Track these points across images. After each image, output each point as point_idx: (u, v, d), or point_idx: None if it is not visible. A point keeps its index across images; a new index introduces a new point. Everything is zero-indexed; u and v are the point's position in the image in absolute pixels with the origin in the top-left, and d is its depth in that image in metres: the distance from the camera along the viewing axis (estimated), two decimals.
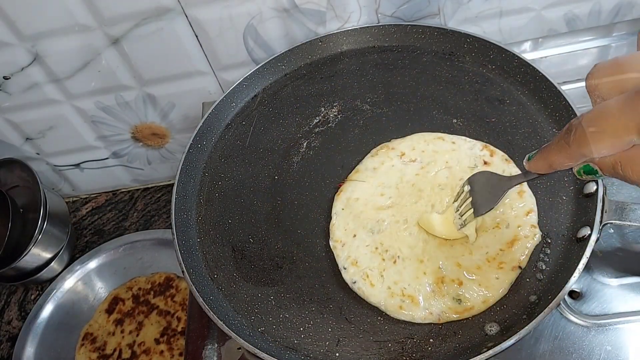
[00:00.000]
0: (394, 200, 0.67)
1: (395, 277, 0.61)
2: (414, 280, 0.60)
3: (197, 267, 0.67)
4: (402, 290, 0.60)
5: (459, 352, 0.56)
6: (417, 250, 0.62)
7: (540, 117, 0.71)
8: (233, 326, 0.60)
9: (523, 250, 0.60)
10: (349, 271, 0.63)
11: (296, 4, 0.83)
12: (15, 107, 0.95)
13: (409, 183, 0.68)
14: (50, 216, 0.98)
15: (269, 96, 0.84)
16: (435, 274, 0.60)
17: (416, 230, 0.64)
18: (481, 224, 0.62)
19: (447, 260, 0.61)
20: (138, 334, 0.97)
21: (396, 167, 0.70)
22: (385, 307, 0.60)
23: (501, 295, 0.58)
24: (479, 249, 0.61)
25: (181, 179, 0.75)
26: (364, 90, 0.81)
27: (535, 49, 0.90)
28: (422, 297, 0.59)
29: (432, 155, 0.70)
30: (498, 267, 0.59)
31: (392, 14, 0.86)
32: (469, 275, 0.59)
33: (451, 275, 0.60)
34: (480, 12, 0.85)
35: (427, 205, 0.65)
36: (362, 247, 0.64)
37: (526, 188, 0.64)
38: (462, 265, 0.60)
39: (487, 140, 0.71)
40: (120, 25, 0.83)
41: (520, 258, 0.59)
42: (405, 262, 0.62)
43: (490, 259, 0.60)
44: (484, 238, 0.61)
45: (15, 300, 1.06)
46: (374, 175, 0.70)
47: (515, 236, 0.60)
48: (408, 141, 0.72)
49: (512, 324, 0.55)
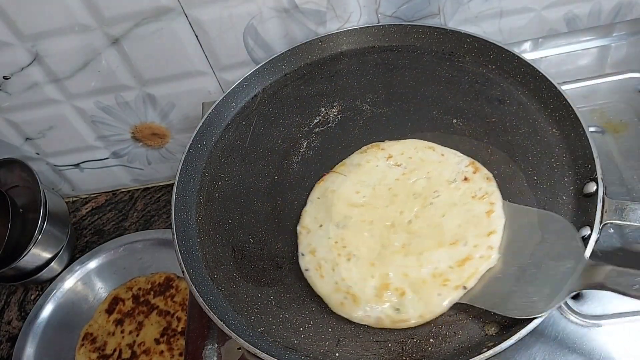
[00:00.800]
0: (367, 200, 0.67)
1: (345, 274, 0.61)
2: (361, 281, 0.60)
3: (197, 267, 0.67)
4: (347, 288, 0.60)
5: (459, 352, 0.55)
6: (372, 253, 0.62)
7: (540, 117, 0.71)
8: (233, 326, 0.60)
9: (472, 271, 0.58)
10: (305, 258, 0.64)
11: (296, 4, 0.83)
12: (15, 107, 0.95)
13: (386, 186, 0.68)
14: (50, 216, 0.98)
15: (269, 96, 0.84)
16: (382, 279, 0.60)
17: (378, 234, 0.64)
18: (440, 239, 0.62)
19: (397, 269, 0.60)
20: (138, 334, 0.97)
21: (380, 168, 0.70)
22: (328, 301, 0.61)
23: (440, 312, 0.57)
24: (430, 263, 0.60)
25: (181, 179, 0.75)
26: (364, 90, 0.81)
27: (535, 49, 0.90)
28: (364, 298, 0.59)
29: (417, 163, 0.69)
30: (442, 283, 0.58)
31: (392, 14, 0.86)
32: (413, 287, 0.59)
33: (396, 284, 0.59)
34: (480, 12, 0.85)
35: (396, 211, 0.65)
36: (325, 238, 0.65)
37: (497, 208, 0.62)
38: (409, 276, 0.60)
39: (487, 141, 0.71)
40: (120, 25, 0.83)
41: (465, 278, 0.58)
42: (358, 262, 0.62)
43: (437, 274, 0.59)
44: (439, 252, 0.60)
45: (15, 300, 1.06)
46: (357, 171, 0.70)
47: (469, 255, 0.59)
48: (400, 145, 0.72)
49: (512, 324, 0.55)
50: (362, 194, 0.68)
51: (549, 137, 0.69)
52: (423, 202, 0.65)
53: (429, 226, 0.63)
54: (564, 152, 0.67)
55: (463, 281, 0.58)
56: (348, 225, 0.65)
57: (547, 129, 0.70)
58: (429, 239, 0.62)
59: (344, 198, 0.68)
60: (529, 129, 0.71)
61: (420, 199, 0.66)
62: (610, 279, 0.50)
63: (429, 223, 0.63)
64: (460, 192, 0.64)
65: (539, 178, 0.66)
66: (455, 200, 0.64)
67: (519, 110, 0.73)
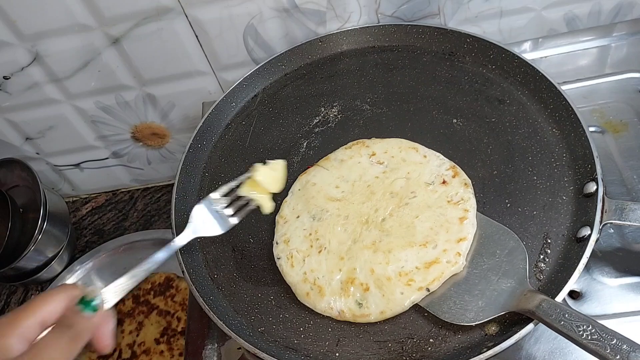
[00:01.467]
0: (344, 195, 0.68)
1: (314, 266, 0.63)
2: (328, 274, 0.62)
3: (197, 267, 0.67)
4: (315, 279, 0.62)
5: (459, 352, 0.56)
6: (342, 247, 0.64)
7: (540, 117, 0.71)
8: (233, 326, 0.60)
9: (437, 274, 0.59)
10: (278, 247, 0.67)
11: (296, 4, 0.83)
12: (15, 107, 0.95)
13: (365, 183, 0.69)
14: (50, 216, 0.98)
15: (269, 96, 0.84)
16: (349, 274, 0.61)
17: (351, 229, 0.65)
18: (410, 240, 0.62)
19: (365, 264, 0.62)
20: (138, 334, 0.97)
21: (362, 164, 0.71)
22: (295, 290, 0.63)
23: (401, 311, 0.59)
24: (398, 262, 0.61)
25: (181, 179, 0.75)
26: (364, 90, 0.81)
27: (535, 49, 0.90)
28: (329, 291, 0.61)
29: (399, 162, 0.70)
30: (406, 283, 0.59)
31: (392, 14, 0.86)
32: (377, 284, 0.60)
33: (362, 279, 0.61)
34: (480, 12, 0.85)
35: (371, 208, 0.66)
36: (300, 229, 0.67)
37: (470, 216, 0.63)
38: (375, 272, 0.61)
39: (487, 141, 0.71)
40: (120, 25, 0.83)
41: (430, 280, 0.59)
42: (329, 255, 0.64)
43: (402, 273, 0.60)
44: (407, 252, 0.61)
45: (15, 300, 1.06)
46: (339, 166, 0.72)
47: (437, 259, 0.60)
48: (384, 143, 0.73)
49: (512, 324, 0.55)
50: (341, 188, 0.69)
51: (549, 137, 0.69)
52: (399, 202, 0.66)
53: (401, 226, 0.64)
54: (564, 152, 0.67)
55: (427, 283, 0.59)
56: (323, 219, 0.67)
57: (547, 129, 0.70)
58: (400, 238, 0.63)
59: (324, 192, 0.69)
60: (529, 129, 0.71)
61: (396, 198, 0.66)
62: (541, 309, 0.51)
63: (402, 223, 0.64)
64: (437, 195, 0.65)
65: (539, 178, 0.66)
66: (430, 203, 0.65)
67: (519, 110, 0.73)
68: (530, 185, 0.65)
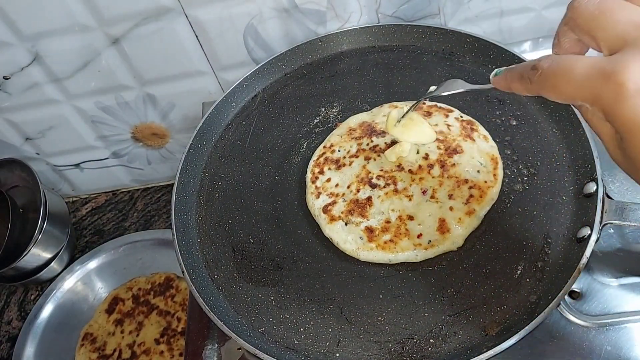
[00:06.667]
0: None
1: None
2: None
3: (197, 267, 0.67)
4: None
5: (459, 352, 0.56)
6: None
7: (540, 117, 0.71)
8: (233, 326, 0.60)
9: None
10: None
11: (296, 4, 0.83)
12: (15, 107, 0.95)
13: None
14: (50, 216, 0.98)
15: (269, 96, 0.84)
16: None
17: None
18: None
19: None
20: (138, 334, 0.97)
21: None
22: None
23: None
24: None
25: (181, 179, 0.75)
26: (364, 90, 0.81)
27: (535, 49, 0.90)
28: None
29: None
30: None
31: (393, 13, 0.86)
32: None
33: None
34: (480, 12, 0.85)
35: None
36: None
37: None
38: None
39: None
40: (120, 25, 0.83)
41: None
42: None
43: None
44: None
45: (15, 300, 1.06)
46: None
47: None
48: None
49: (512, 324, 0.55)
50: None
51: (549, 137, 0.69)
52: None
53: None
54: (564, 152, 0.67)
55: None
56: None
57: (547, 129, 0.70)
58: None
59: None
60: (529, 129, 0.71)
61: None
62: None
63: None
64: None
65: (539, 178, 0.66)
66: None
67: (519, 110, 0.73)
68: (531, 185, 0.65)
